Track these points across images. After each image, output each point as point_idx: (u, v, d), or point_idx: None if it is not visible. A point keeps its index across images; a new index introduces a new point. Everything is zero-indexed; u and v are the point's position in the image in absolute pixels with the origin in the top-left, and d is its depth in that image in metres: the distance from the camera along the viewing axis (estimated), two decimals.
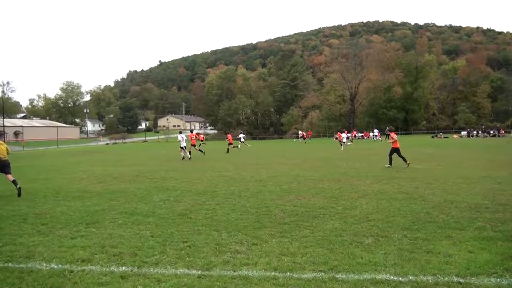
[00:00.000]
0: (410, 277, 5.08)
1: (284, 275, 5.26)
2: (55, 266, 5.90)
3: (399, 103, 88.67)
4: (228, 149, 37.22)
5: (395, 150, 19.45)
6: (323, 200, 10.48)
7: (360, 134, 77.04)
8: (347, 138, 45.71)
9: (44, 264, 6.00)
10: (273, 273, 5.35)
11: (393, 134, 20.16)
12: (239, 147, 42.22)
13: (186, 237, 7.21)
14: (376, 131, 71.39)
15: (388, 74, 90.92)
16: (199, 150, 28.69)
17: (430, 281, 4.98)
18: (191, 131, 32.80)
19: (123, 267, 5.76)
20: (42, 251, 6.66)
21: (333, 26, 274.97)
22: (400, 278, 5.06)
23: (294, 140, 74.55)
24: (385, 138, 65.01)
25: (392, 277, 5.10)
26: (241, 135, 46.76)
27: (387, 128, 23.58)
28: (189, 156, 26.16)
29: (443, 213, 8.67)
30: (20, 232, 8.06)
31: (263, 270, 5.45)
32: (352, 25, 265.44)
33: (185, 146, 26.46)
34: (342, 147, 38.58)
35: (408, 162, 18.97)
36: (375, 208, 9.30)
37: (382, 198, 10.64)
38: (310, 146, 47.35)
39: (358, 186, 12.98)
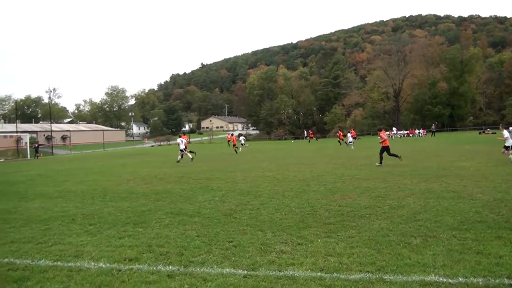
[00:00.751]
0: (460, 279, 4.94)
1: (330, 275, 5.21)
2: (103, 265, 6.06)
3: (445, 98, 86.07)
4: (235, 150, 38.54)
5: (385, 149, 19.86)
6: (368, 200, 10.31)
7: (406, 132, 75.48)
8: (354, 138, 45.68)
9: (93, 263, 6.18)
10: (319, 273, 5.30)
11: (382, 133, 20.74)
12: (239, 149, 41.96)
13: (231, 237, 7.25)
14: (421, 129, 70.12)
15: (433, 69, 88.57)
16: (190, 151, 29.21)
17: (481, 283, 4.82)
18: (183, 133, 33.39)
19: (170, 266, 5.85)
20: (90, 251, 6.86)
21: (375, 22, 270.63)
22: (450, 280, 4.92)
23: (292, 141, 74.98)
24: (431, 135, 63.63)
25: (441, 279, 4.96)
26: (241, 138, 47.21)
27: (378, 127, 24.39)
28: (191, 157, 27.02)
29: (493, 212, 8.38)
30: (68, 232, 8.34)
31: (309, 271, 5.41)
32: (394, 20, 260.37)
33: (184, 149, 27.53)
34: (352, 146, 39.33)
35: (400, 157, 19.73)
36: (422, 208, 9.08)
37: (429, 197, 10.38)
38: (354, 144, 46.67)
39: (404, 185, 12.70)
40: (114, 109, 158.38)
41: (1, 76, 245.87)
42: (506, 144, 19.80)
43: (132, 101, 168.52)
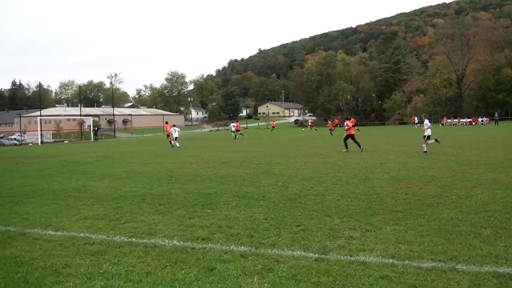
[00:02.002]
0: None
1: (402, 263, 5.22)
2: (177, 243, 6.32)
3: (509, 85, 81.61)
4: (235, 136, 40.44)
5: (350, 136, 21.76)
6: (435, 189, 10.14)
7: (468, 120, 72.89)
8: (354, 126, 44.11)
9: (167, 241, 6.46)
10: (390, 260, 5.32)
11: (348, 122, 22.77)
12: (236, 136, 42.09)
13: (298, 221, 7.37)
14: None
15: (497, 54, 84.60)
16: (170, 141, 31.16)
17: None
18: (170, 124, 33.81)
19: (242, 247, 6.03)
20: (163, 229, 7.17)
21: (437, 5, 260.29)
22: None
23: (303, 129, 74.74)
24: (494, 124, 61.12)
25: None
26: (231, 124, 46.09)
27: (345, 116, 25.75)
28: (173, 145, 29.05)
29: None
30: (139, 211, 8.74)
31: (380, 257, 5.44)
32: (457, 2, 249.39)
33: (176, 137, 29.58)
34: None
35: (361, 148, 21.18)
36: (491, 198, 8.85)
37: (497, 188, 10.06)
38: (415, 131, 45.53)
39: (470, 174, 12.36)
40: (174, 94, 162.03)
41: (65, 62, 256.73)
42: (425, 134, 20.55)
43: (191, 87, 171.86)
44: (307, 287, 4.62)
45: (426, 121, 21.26)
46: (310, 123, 74.80)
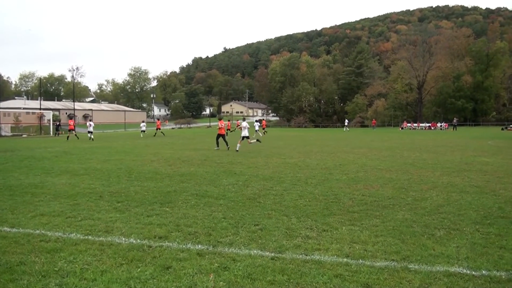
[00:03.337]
0: (484, 272, 5.00)
1: (356, 262, 5.32)
2: (134, 241, 6.25)
3: (468, 92, 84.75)
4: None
5: (221, 135, 24.34)
6: (392, 191, 10.37)
7: (428, 124, 74.97)
8: (259, 126, 45.09)
9: (123, 239, 6.38)
10: (345, 259, 5.42)
11: (220, 122, 25.14)
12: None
13: (257, 220, 7.41)
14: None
15: (458, 61, 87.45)
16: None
17: (504, 276, 4.88)
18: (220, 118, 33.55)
19: (199, 245, 6.01)
20: (120, 227, 7.07)
21: (401, 11, 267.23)
22: (473, 272, 4.98)
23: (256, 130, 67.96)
24: (453, 129, 62.99)
25: (465, 271, 5.03)
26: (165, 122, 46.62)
27: (218, 116, 27.80)
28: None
29: None
30: (97, 208, 8.58)
31: (335, 256, 5.53)
32: (421, 10, 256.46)
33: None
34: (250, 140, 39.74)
35: (228, 147, 23.46)
36: (445, 201, 9.11)
37: (452, 190, 10.37)
38: (374, 135, 46.45)
39: (427, 177, 12.70)
40: (136, 90, 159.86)
41: (25, 54, 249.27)
42: (242, 135, 22.99)
43: (154, 83, 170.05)
44: (262, 286, 4.65)
45: (244, 123, 24.26)
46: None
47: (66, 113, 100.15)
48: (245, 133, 24.30)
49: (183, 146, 28.13)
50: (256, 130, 42.60)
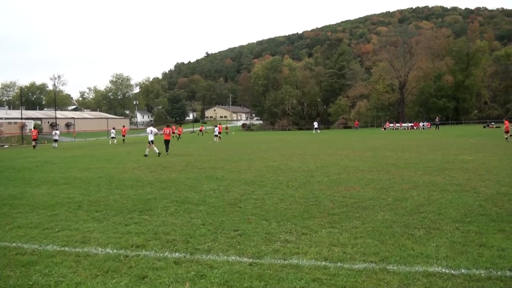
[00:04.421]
0: (463, 270, 5.00)
1: (334, 265, 5.29)
2: (111, 251, 6.16)
3: (450, 91, 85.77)
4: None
5: (167, 141, 25.95)
6: (372, 191, 10.38)
7: (410, 124, 75.66)
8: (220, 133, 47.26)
9: (100, 249, 6.28)
10: (323, 263, 5.39)
11: (166, 129, 27.01)
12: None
13: (236, 226, 7.34)
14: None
15: (439, 61, 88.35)
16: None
17: (483, 275, 4.88)
18: (168, 125, 33.10)
19: (177, 253, 5.94)
20: (97, 237, 6.96)
21: (381, 13, 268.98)
22: (452, 271, 4.98)
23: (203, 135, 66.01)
24: (435, 128, 63.60)
25: (444, 270, 5.03)
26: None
27: (167, 124, 28.96)
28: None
29: (496, 206, 8.43)
30: (75, 218, 8.45)
31: (313, 260, 5.49)
32: (401, 11, 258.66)
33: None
34: (215, 138, 42.19)
35: (168, 153, 24.79)
36: (426, 200, 9.15)
37: (433, 189, 10.42)
38: (357, 136, 46.69)
39: (408, 177, 12.76)
40: (119, 97, 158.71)
41: (6, 63, 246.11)
42: (150, 139, 23.86)
43: (136, 90, 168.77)
44: None
45: (148, 129, 25.37)
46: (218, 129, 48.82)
47: (48, 122, 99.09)
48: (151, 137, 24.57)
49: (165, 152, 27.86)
50: (215, 135, 43.52)
